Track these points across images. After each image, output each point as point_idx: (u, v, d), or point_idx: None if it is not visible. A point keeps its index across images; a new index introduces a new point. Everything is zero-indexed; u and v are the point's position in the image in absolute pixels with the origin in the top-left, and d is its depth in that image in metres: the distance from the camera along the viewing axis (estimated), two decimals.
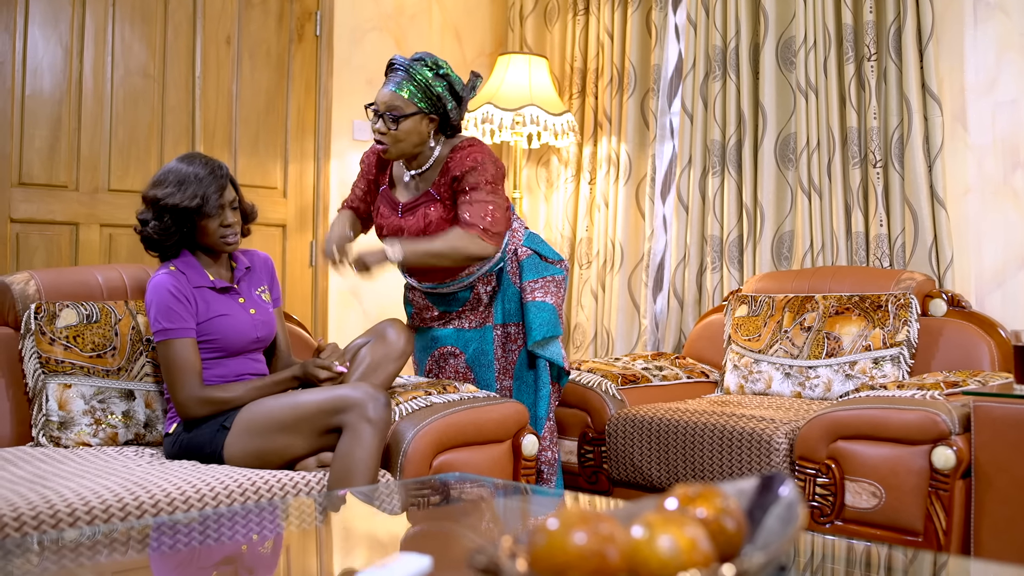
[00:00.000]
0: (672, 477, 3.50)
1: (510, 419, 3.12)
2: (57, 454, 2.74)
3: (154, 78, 4.21)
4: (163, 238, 2.84)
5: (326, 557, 1.91)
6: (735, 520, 1.31)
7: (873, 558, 1.84)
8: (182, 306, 2.75)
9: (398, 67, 3.20)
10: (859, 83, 4.19)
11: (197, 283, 2.83)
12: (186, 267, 2.85)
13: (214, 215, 2.82)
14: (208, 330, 2.81)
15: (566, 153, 5.21)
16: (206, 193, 2.79)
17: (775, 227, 4.39)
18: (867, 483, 3.08)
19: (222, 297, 2.87)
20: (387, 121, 3.17)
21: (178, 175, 2.81)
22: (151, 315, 2.77)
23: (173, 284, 2.77)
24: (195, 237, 2.86)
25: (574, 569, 1.13)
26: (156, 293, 2.76)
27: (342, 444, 2.61)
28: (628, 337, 4.89)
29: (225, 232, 2.85)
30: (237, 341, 2.85)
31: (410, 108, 3.16)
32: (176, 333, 2.74)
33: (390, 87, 3.18)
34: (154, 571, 1.80)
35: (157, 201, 2.81)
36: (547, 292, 3.37)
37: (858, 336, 3.73)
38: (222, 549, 1.88)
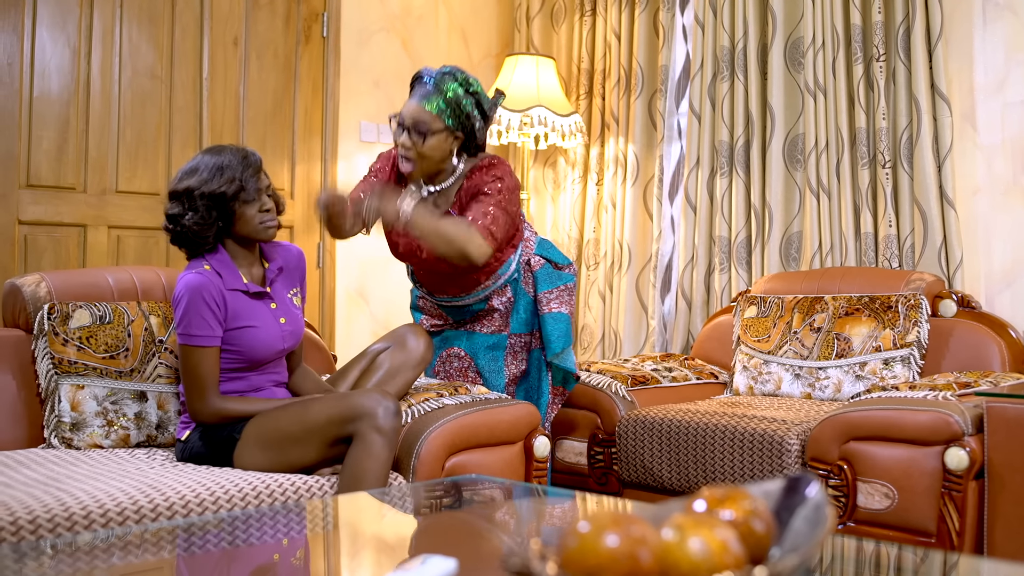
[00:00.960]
0: (683, 478, 3.50)
1: (522, 421, 3.11)
2: (69, 456, 2.73)
3: (161, 79, 4.21)
4: (202, 229, 2.74)
5: (347, 560, 1.90)
6: (764, 522, 1.31)
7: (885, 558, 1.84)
8: (211, 313, 2.68)
9: (427, 80, 3.11)
10: (868, 83, 4.18)
11: (231, 285, 2.75)
12: (221, 266, 2.76)
13: (253, 200, 2.74)
14: (234, 340, 2.74)
15: (573, 154, 5.21)
16: (243, 177, 2.72)
17: (783, 228, 4.38)
18: (880, 484, 3.08)
19: (254, 303, 2.79)
20: (413, 135, 3.08)
21: (211, 163, 2.73)
22: (178, 313, 2.70)
23: (204, 288, 2.67)
24: (232, 227, 2.77)
25: (606, 571, 1.12)
26: (186, 294, 2.68)
27: (351, 453, 2.57)
28: (636, 338, 4.89)
29: (264, 217, 2.76)
30: (261, 353, 2.78)
31: (437, 124, 3.08)
32: (199, 341, 2.68)
33: (417, 100, 3.08)
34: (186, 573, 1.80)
35: (192, 191, 2.72)
36: (562, 302, 3.36)
37: (868, 337, 3.73)
38: (242, 553, 1.87)
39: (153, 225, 4.17)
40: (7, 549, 1.88)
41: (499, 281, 3.32)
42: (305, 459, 2.63)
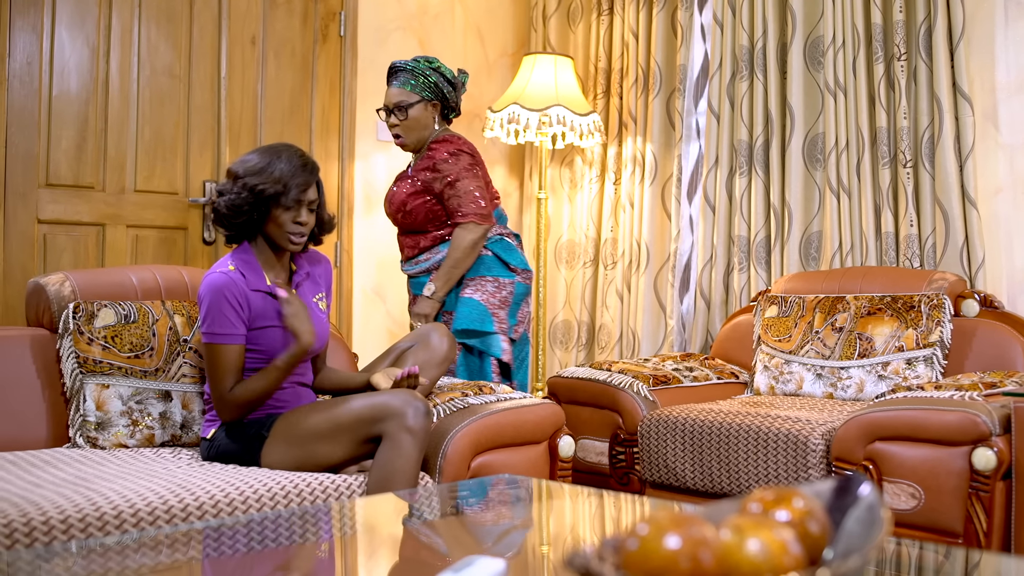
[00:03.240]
0: (706, 478, 3.49)
1: (547, 420, 3.11)
2: (96, 455, 2.72)
3: (180, 78, 4.20)
4: (231, 214, 2.75)
5: (385, 563, 1.89)
6: (819, 523, 1.29)
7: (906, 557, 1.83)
8: (234, 312, 2.69)
9: (398, 68, 3.66)
10: (888, 83, 4.17)
11: (254, 286, 2.75)
12: (245, 267, 2.77)
13: (290, 207, 2.74)
14: (257, 339, 2.75)
15: (590, 153, 5.20)
16: (289, 184, 2.72)
17: (803, 227, 4.37)
18: (906, 484, 3.06)
19: (278, 304, 2.78)
20: (397, 114, 3.63)
21: (266, 158, 2.74)
22: (201, 312, 2.72)
23: (227, 288, 2.69)
24: (262, 226, 2.78)
25: (668, 573, 1.11)
26: (209, 293, 2.70)
27: (381, 453, 2.57)
28: (654, 338, 4.88)
29: (295, 229, 2.76)
30: None
31: (414, 97, 3.62)
32: (223, 339, 2.69)
33: (394, 85, 3.66)
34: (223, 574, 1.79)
35: (238, 177, 2.74)
36: (478, 289, 3.62)
37: (891, 337, 3.71)
38: (279, 554, 1.86)
39: (171, 224, 4.17)
40: (41, 550, 1.88)
41: (436, 257, 3.66)
42: (333, 457, 2.63)
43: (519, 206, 5.46)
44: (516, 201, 5.46)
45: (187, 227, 4.22)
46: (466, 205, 3.56)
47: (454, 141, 3.65)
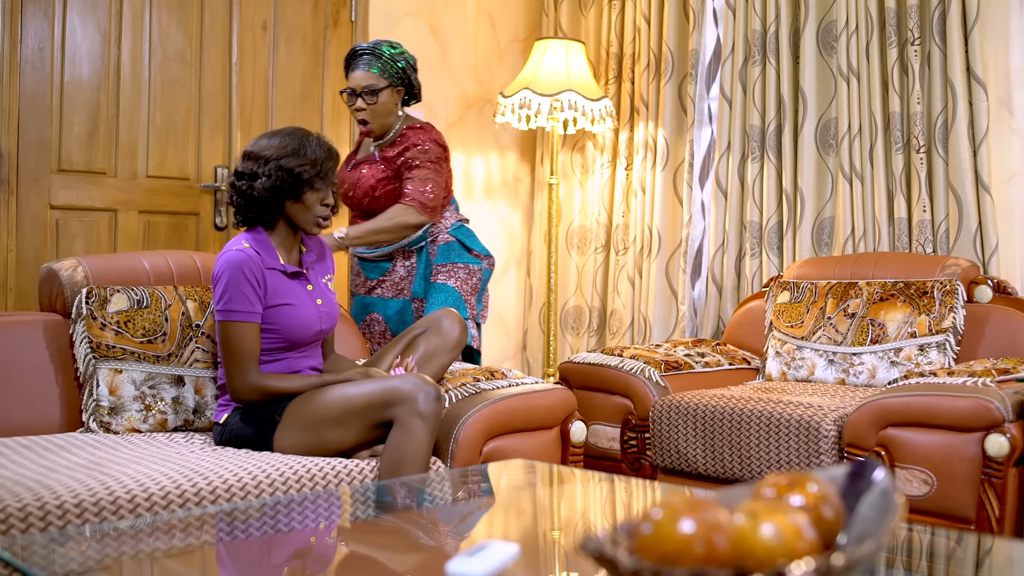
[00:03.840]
0: (718, 464, 3.48)
1: (558, 406, 3.11)
2: (109, 440, 2.73)
3: (191, 64, 4.20)
4: (269, 196, 2.74)
5: (401, 546, 1.90)
6: (833, 508, 1.29)
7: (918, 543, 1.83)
8: (251, 289, 2.69)
9: (363, 51, 3.61)
10: (902, 68, 4.15)
11: (269, 264, 2.76)
12: (260, 246, 2.77)
13: (321, 189, 2.77)
14: (273, 318, 2.75)
15: (602, 139, 5.18)
16: (324, 166, 2.76)
17: (815, 213, 4.36)
18: (918, 470, 3.06)
19: (291, 283, 2.81)
20: (367, 98, 3.59)
21: (296, 142, 2.76)
22: (218, 291, 2.71)
23: (246, 264, 2.69)
24: (286, 210, 2.79)
25: (682, 557, 1.11)
26: (228, 270, 2.69)
27: (392, 438, 2.58)
28: (666, 323, 4.87)
29: (322, 211, 2.79)
30: (300, 333, 2.79)
31: (383, 82, 3.59)
32: (240, 316, 2.69)
33: (361, 68, 3.59)
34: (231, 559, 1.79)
35: (269, 159, 2.73)
36: (451, 276, 3.65)
37: (903, 323, 3.70)
38: (295, 538, 1.87)
39: (183, 210, 4.17)
40: (55, 534, 1.88)
41: (404, 242, 3.65)
42: (344, 442, 2.63)
43: (530, 191, 5.45)
44: (527, 186, 5.45)
45: (199, 212, 4.22)
46: (415, 191, 3.56)
47: (430, 132, 3.67)
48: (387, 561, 1.79)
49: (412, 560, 1.78)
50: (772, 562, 1.13)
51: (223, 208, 4.26)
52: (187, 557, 1.76)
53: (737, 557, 1.14)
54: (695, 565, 1.10)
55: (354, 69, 3.61)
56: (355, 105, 3.61)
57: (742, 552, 1.14)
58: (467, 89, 5.15)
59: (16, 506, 2.04)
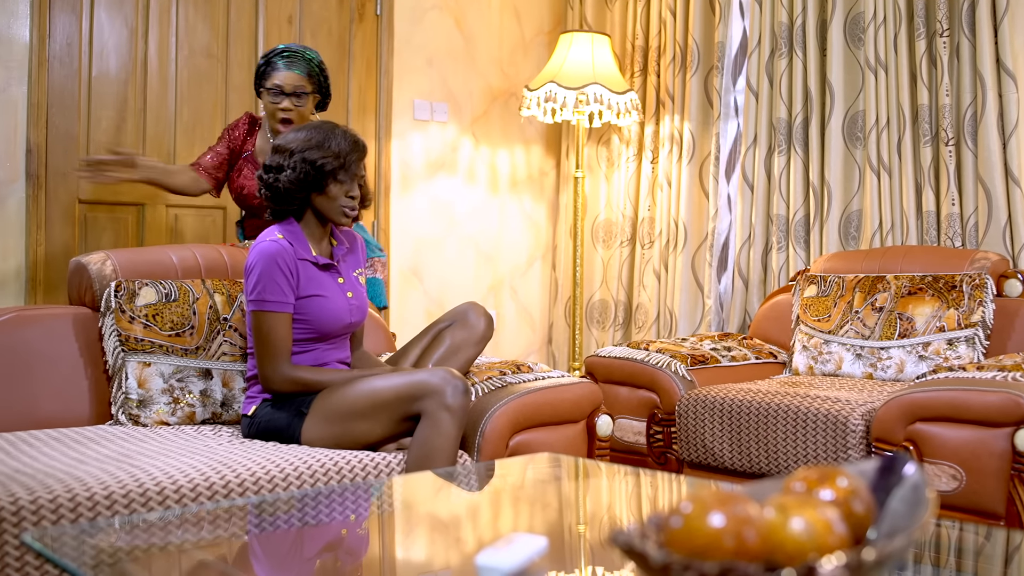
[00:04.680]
0: (744, 458, 3.47)
1: (584, 399, 3.11)
2: (138, 433, 2.75)
3: (217, 58, 4.22)
4: (294, 188, 2.77)
5: (428, 540, 1.90)
6: (863, 502, 1.28)
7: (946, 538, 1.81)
8: (284, 279, 2.71)
9: (293, 53, 3.48)
10: (931, 59, 4.11)
11: (301, 255, 2.78)
12: (292, 237, 2.79)
13: (345, 182, 2.79)
14: (304, 309, 2.76)
15: (628, 132, 5.17)
16: (347, 158, 2.77)
17: (843, 206, 4.33)
18: (947, 466, 3.04)
19: (323, 274, 2.82)
20: (295, 99, 3.45)
21: (321, 134, 2.79)
22: (250, 281, 2.72)
23: (279, 255, 2.71)
24: (312, 202, 2.81)
25: (712, 551, 1.11)
26: (261, 261, 2.71)
27: (420, 431, 2.59)
28: (692, 317, 4.86)
29: (348, 203, 2.81)
30: (330, 325, 2.80)
31: (310, 87, 3.49)
32: (273, 306, 2.70)
33: (293, 70, 3.45)
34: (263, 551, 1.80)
35: (293, 152, 2.77)
36: (378, 271, 3.73)
37: (932, 317, 3.67)
38: (321, 531, 1.88)
39: (209, 203, 4.19)
40: (86, 526, 1.90)
41: None
42: (371, 435, 2.64)
43: (556, 185, 5.45)
44: (553, 180, 5.44)
45: (225, 206, 4.24)
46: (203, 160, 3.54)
47: None
48: (415, 554, 1.80)
49: (441, 553, 1.79)
50: (802, 556, 1.12)
51: None
52: (216, 549, 1.77)
53: (767, 551, 1.13)
54: (725, 559, 1.10)
55: (284, 69, 3.44)
56: (281, 104, 3.44)
57: (772, 546, 1.13)
58: (492, 82, 5.15)
59: (47, 497, 2.06)
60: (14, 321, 2.93)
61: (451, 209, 5.00)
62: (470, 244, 5.08)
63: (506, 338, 5.24)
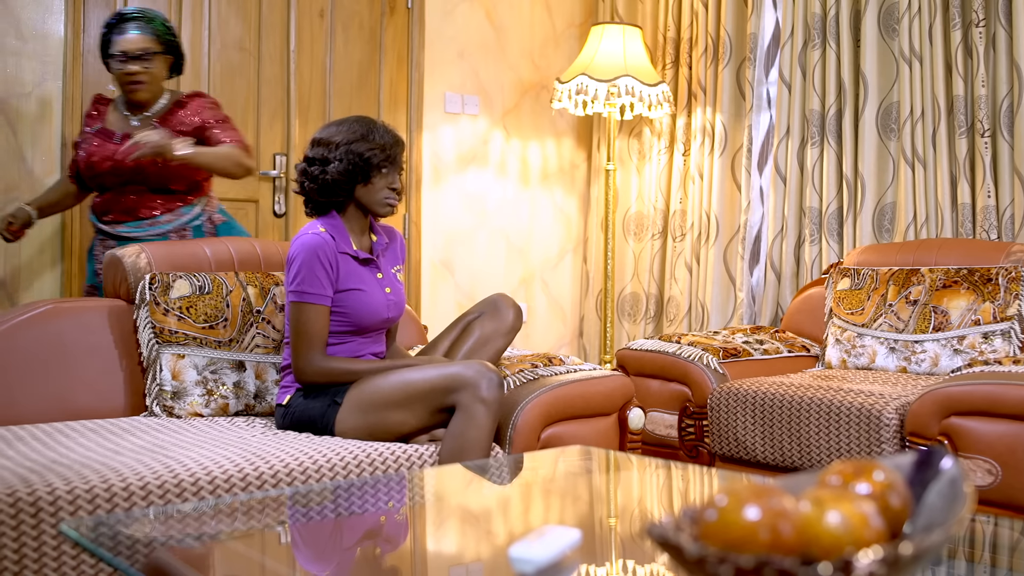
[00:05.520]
0: (777, 452, 3.46)
1: (616, 392, 3.10)
2: (172, 424, 2.77)
3: (250, 52, 4.24)
4: (343, 180, 2.80)
5: (463, 532, 1.90)
6: (900, 496, 1.27)
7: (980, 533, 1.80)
8: (324, 273, 2.73)
9: (133, 16, 3.33)
10: (966, 50, 4.07)
11: (342, 249, 2.80)
12: (334, 230, 2.81)
13: (389, 173, 2.83)
14: (342, 302, 2.79)
15: (659, 124, 5.15)
16: (392, 150, 2.82)
17: (876, 199, 4.30)
18: (982, 460, 3.01)
19: (362, 269, 2.84)
20: (143, 62, 3.30)
21: (364, 127, 2.83)
22: (291, 272, 2.75)
23: (321, 248, 2.74)
24: (355, 194, 2.83)
25: (747, 544, 1.10)
26: (302, 253, 2.74)
27: (455, 423, 2.60)
28: (724, 310, 4.84)
29: (390, 195, 2.85)
30: (368, 319, 2.82)
31: (158, 47, 3.34)
32: (311, 298, 2.73)
33: (136, 32, 3.31)
34: (297, 541, 1.81)
35: (339, 145, 2.80)
36: None
37: (967, 310, 3.64)
38: (355, 522, 1.88)
39: (242, 197, 4.21)
40: (121, 516, 1.92)
41: (179, 220, 3.38)
42: (405, 425, 2.65)
43: (587, 178, 5.44)
44: (584, 173, 5.43)
45: (258, 200, 4.26)
46: (237, 140, 3.39)
47: (208, 96, 3.50)
48: (448, 546, 1.80)
49: (473, 545, 1.79)
50: (839, 550, 1.11)
51: (281, 195, 4.30)
52: (251, 539, 1.78)
53: (803, 545, 1.12)
54: (760, 552, 1.09)
55: (125, 32, 3.30)
56: (126, 69, 3.28)
57: (808, 540, 1.13)
58: (523, 75, 5.14)
59: (83, 487, 2.08)
60: (50, 313, 2.96)
61: (482, 202, 5.00)
62: (501, 237, 5.08)
63: (537, 331, 5.24)
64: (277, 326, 3.11)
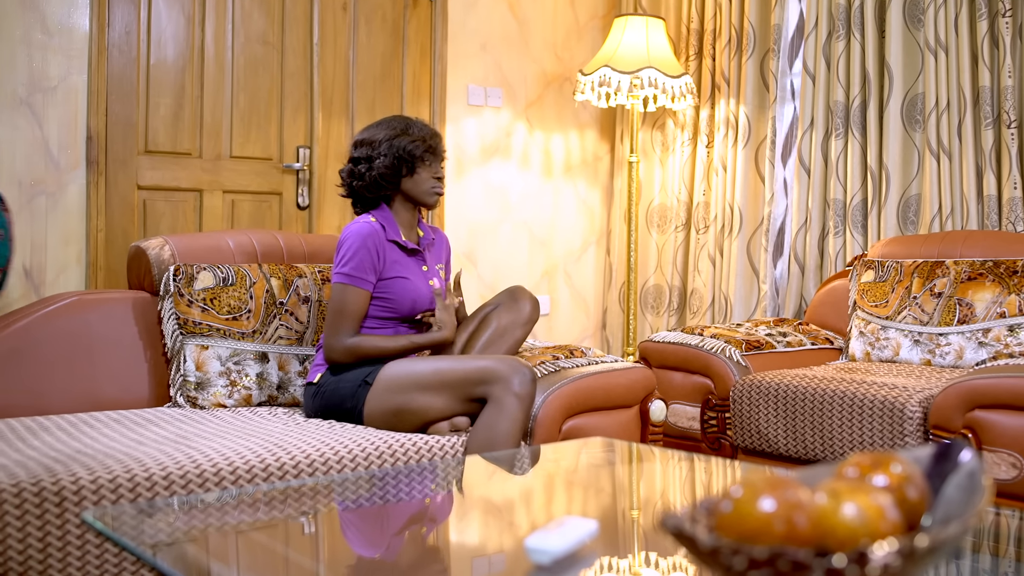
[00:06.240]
0: (799, 445, 3.45)
1: (638, 384, 3.10)
2: (195, 415, 2.79)
3: (273, 45, 4.25)
4: (389, 174, 2.92)
5: (484, 521, 1.91)
6: (917, 489, 1.27)
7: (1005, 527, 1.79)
8: (370, 259, 2.84)
9: None
10: (992, 40, 4.04)
11: (391, 237, 2.92)
12: (384, 220, 2.94)
13: (433, 164, 2.95)
14: (386, 289, 2.88)
15: (683, 116, 5.14)
16: (432, 143, 2.95)
17: (901, 190, 4.27)
18: (1006, 453, 2.99)
19: (408, 259, 2.95)
20: None
21: (402, 123, 2.96)
22: (339, 255, 2.86)
23: (371, 236, 2.86)
24: (402, 187, 2.95)
25: (762, 536, 1.10)
26: (353, 238, 2.85)
27: (486, 414, 2.64)
28: (747, 303, 4.82)
29: (436, 184, 2.96)
30: (409, 306, 2.91)
31: None
32: (354, 281, 2.83)
33: None
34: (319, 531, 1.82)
35: (381, 142, 2.93)
36: None
37: (992, 303, 3.61)
38: (378, 513, 1.89)
39: (266, 189, 4.23)
40: (144, 505, 1.93)
41: None
42: (431, 409, 2.70)
43: (610, 170, 5.43)
44: (607, 165, 5.43)
45: (281, 192, 4.28)
46: None
47: None
48: (468, 537, 1.81)
49: (493, 536, 1.80)
50: (854, 542, 1.11)
51: (305, 188, 4.32)
52: (273, 530, 1.79)
53: (818, 536, 1.12)
54: (775, 544, 1.09)
55: None
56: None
57: (823, 532, 1.13)
58: (546, 67, 5.14)
59: (107, 477, 2.10)
60: (75, 305, 2.98)
61: (505, 194, 5.00)
62: (524, 229, 5.08)
63: (560, 323, 5.24)
64: (300, 318, 3.13)
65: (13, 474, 2.04)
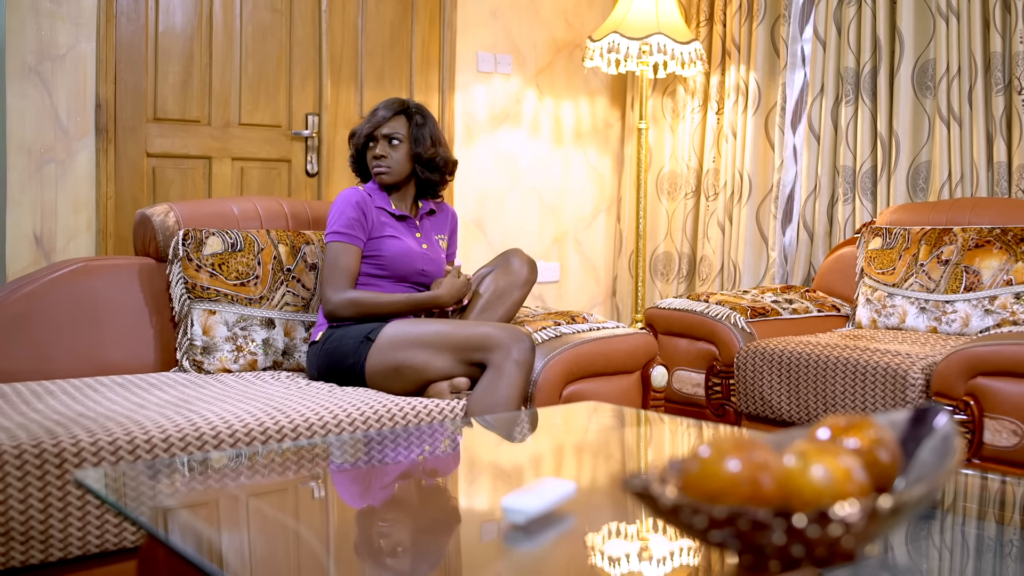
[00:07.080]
0: (802, 411, 3.46)
1: (639, 350, 3.11)
2: (199, 379, 2.83)
3: (281, 12, 4.25)
4: (357, 155, 3.13)
5: (471, 481, 1.93)
6: (889, 452, 1.28)
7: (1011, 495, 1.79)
8: (358, 220, 2.96)
9: None
10: (1004, 5, 4.00)
11: (379, 204, 3.03)
12: (374, 191, 3.07)
13: (374, 147, 3.06)
14: (376, 248, 2.97)
15: (693, 83, 5.12)
16: (371, 130, 3.06)
17: (911, 157, 4.25)
18: (1008, 421, 2.99)
19: (398, 223, 3.04)
20: None
21: (371, 112, 3.12)
22: (330, 218, 2.98)
23: (357, 198, 2.99)
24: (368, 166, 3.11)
25: (727, 496, 1.12)
26: (341, 201, 2.99)
27: (486, 379, 2.69)
28: (755, 270, 4.82)
29: (374, 164, 3.07)
30: (402, 265, 2.98)
31: None
32: (344, 238, 2.93)
33: None
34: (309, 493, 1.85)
35: (352, 131, 3.15)
36: None
37: (999, 270, 3.60)
38: (368, 474, 1.92)
39: (275, 157, 4.25)
40: (143, 466, 1.96)
41: None
42: (430, 367, 2.74)
43: (620, 137, 5.41)
44: (618, 132, 5.41)
45: (290, 159, 4.29)
46: None
47: None
48: (448, 498, 1.83)
49: (476, 496, 1.82)
50: (819, 503, 1.13)
51: (313, 155, 4.33)
52: (262, 490, 1.82)
53: (783, 497, 1.14)
54: (740, 504, 1.11)
55: None
56: None
57: (789, 492, 1.14)
58: (556, 34, 5.12)
59: (107, 439, 2.13)
60: (81, 271, 3.01)
61: (515, 161, 5.00)
62: (534, 196, 5.09)
63: (570, 290, 5.25)
64: (307, 285, 3.15)
65: (15, 436, 2.07)
